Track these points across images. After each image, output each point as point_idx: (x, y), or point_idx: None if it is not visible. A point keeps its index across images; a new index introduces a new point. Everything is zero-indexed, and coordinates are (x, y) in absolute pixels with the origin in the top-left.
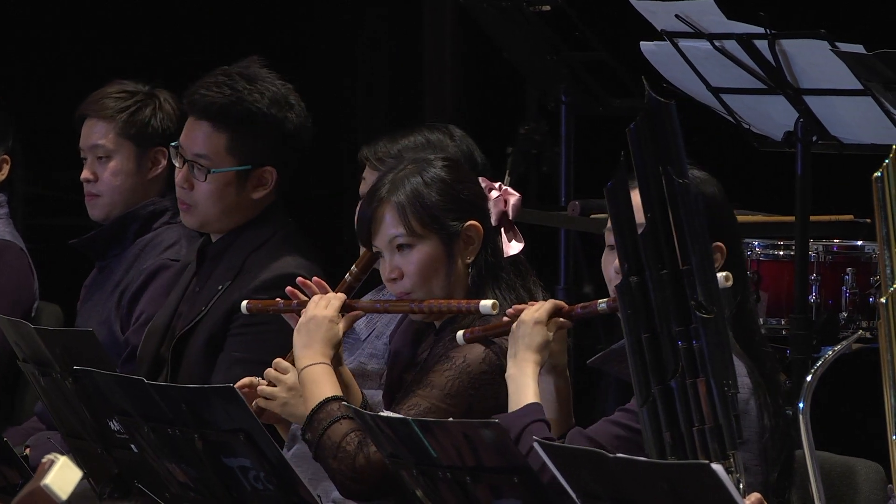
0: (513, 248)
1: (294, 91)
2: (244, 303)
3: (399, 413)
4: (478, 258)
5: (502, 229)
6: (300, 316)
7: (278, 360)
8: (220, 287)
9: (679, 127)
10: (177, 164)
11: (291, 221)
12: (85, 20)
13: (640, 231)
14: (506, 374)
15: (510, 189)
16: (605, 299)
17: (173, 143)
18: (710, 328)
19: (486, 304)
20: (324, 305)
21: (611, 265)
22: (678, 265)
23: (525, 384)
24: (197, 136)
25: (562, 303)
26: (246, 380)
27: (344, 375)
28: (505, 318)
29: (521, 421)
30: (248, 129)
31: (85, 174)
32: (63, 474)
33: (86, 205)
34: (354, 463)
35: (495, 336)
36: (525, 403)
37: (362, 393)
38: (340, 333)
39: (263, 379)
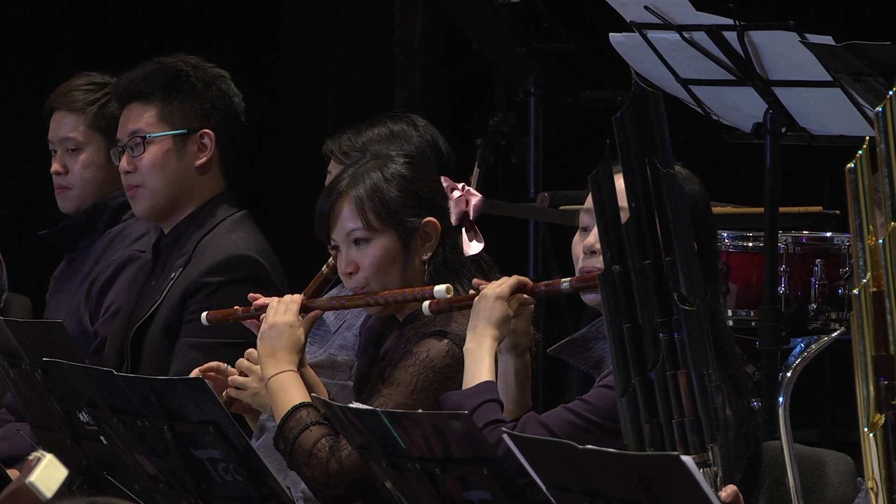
0: (473, 248)
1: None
2: (203, 314)
3: None
4: (435, 254)
5: (463, 229)
6: (260, 321)
7: (250, 350)
8: (174, 275)
9: (665, 117)
10: (117, 161)
11: (241, 208)
12: (51, 13)
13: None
14: (464, 347)
15: (472, 189)
16: (568, 278)
17: (112, 150)
18: (691, 321)
19: (440, 288)
20: (283, 311)
21: (579, 244)
22: (661, 256)
23: (481, 359)
24: (129, 118)
25: (525, 279)
26: (213, 364)
27: (308, 376)
28: (472, 291)
29: (473, 401)
30: (177, 94)
31: (55, 167)
32: (48, 472)
33: (56, 197)
34: (328, 468)
35: (461, 308)
36: (479, 381)
37: (328, 392)
38: (303, 338)
39: (233, 367)
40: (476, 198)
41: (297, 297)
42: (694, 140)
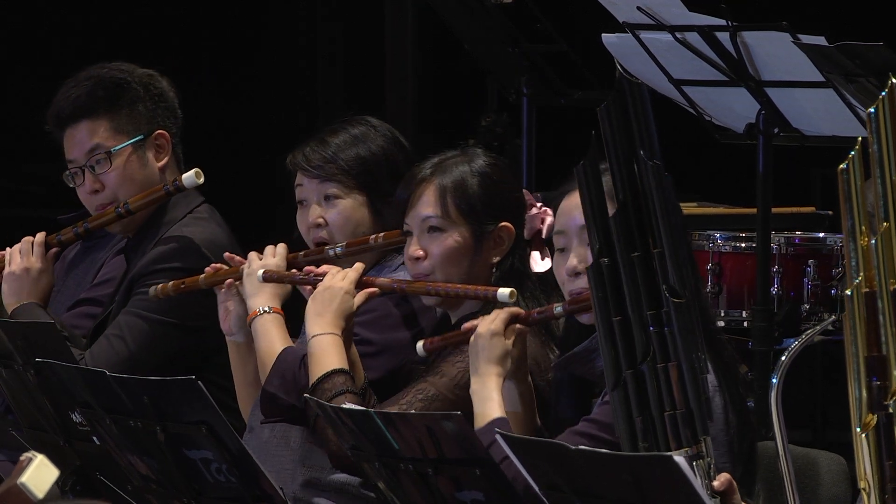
0: (539, 266)
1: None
2: (260, 272)
3: (403, 397)
4: (504, 261)
5: (533, 246)
6: (314, 287)
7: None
8: (132, 276)
9: (651, 108)
10: (75, 183)
11: (203, 201)
12: (49, 15)
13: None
14: (470, 390)
15: (549, 210)
16: (560, 303)
17: (66, 173)
18: (681, 313)
19: (503, 291)
20: (340, 277)
21: (562, 268)
22: (650, 248)
23: (489, 398)
24: (81, 137)
25: (517, 309)
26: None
27: (351, 353)
28: (465, 325)
29: (487, 437)
30: (123, 103)
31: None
32: (39, 473)
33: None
34: None
35: (455, 345)
36: (490, 419)
37: (364, 376)
38: (354, 307)
39: None
40: (550, 218)
41: (358, 268)
42: (687, 141)
